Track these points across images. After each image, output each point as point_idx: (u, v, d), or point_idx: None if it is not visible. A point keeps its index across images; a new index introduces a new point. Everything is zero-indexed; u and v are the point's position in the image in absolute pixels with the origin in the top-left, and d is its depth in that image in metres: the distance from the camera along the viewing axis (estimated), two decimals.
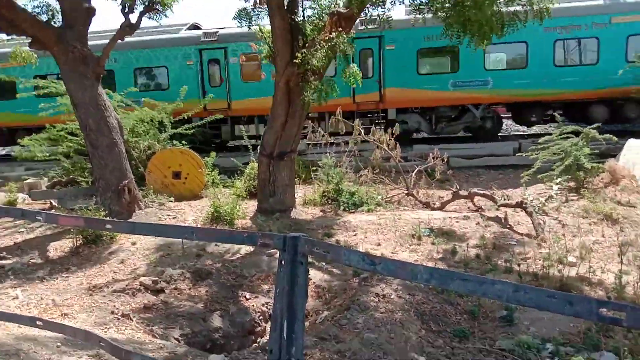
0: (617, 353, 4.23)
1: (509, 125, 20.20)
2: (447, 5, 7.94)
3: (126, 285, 6.02)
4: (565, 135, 10.37)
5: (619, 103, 14.13)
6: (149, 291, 6.01)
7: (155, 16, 10.47)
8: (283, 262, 2.49)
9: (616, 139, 10.63)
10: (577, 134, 10.32)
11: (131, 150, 11.23)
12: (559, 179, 10.04)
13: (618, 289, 5.23)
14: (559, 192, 9.82)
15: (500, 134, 17.15)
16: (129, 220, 8.88)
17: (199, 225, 8.65)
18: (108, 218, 7.98)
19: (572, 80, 13.88)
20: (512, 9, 8.13)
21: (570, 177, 9.99)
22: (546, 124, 16.35)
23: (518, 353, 4.45)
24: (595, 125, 10.37)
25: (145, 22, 10.37)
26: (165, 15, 10.48)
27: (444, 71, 14.76)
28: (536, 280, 5.87)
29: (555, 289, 5.56)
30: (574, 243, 7.04)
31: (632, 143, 11.06)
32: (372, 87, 14.80)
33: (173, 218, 9.29)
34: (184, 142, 12.14)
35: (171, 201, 10.41)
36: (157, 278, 6.24)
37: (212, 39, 15.88)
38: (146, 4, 10.02)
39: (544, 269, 6.01)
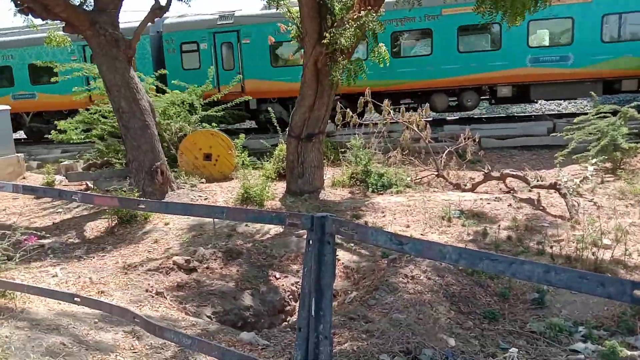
0: None
1: (543, 105, 19.65)
2: None
3: (160, 264, 6.18)
4: (602, 115, 10.04)
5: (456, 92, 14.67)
6: (182, 270, 6.15)
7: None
8: (311, 242, 2.51)
9: None
10: (615, 113, 9.98)
11: (163, 132, 11.42)
12: (594, 160, 9.75)
13: None
14: (594, 173, 9.55)
15: (534, 113, 16.74)
16: (162, 200, 9.09)
17: (229, 206, 8.80)
18: (142, 199, 8.18)
19: (411, 70, 14.18)
20: None
21: (606, 157, 9.70)
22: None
23: (549, 335, 4.40)
24: (634, 104, 10.00)
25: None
26: None
27: (296, 64, 14.65)
28: (569, 263, 5.76)
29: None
30: (609, 225, 6.86)
31: None
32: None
33: (205, 199, 9.45)
34: (214, 124, 12.27)
35: (202, 182, 10.57)
36: (189, 257, 6.37)
37: None
38: None
39: (577, 252, 5.88)
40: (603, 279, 1.80)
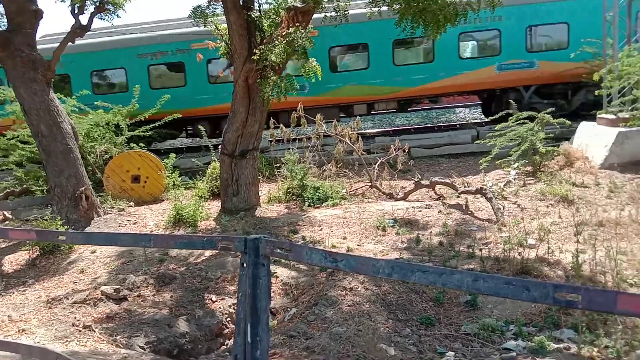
0: (576, 329, 4.38)
1: (467, 114, 20.64)
2: None
3: (87, 296, 5.85)
4: (521, 121, 10.65)
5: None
6: (111, 300, 5.86)
7: (106, 17, 10.14)
8: (245, 265, 2.45)
9: (569, 122, 11.01)
10: (532, 119, 10.62)
11: (87, 155, 10.90)
12: (516, 164, 10.32)
13: (575, 268, 5.41)
14: (516, 176, 10.10)
15: (458, 122, 17.51)
16: (88, 227, 8.63)
17: (160, 230, 8.48)
18: (65, 227, 7.72)
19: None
20: None
21: (527, 161, 10.29)
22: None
23: (483, 336, 4.55)
24: (549, 110, 10.70)
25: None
26: (118, 16, 10.16)
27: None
28: (498, 264, 6.01)
29: (516, 272, 5.73)
30: (532, 225, 7.25)
31: (584, 126, 11.46)
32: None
33: (133, 223, 9.07)
34: (141, 144, 11.85)
35: (131, 206, 10.17)
36: (119, 286, 6.09)
37: None
38: (97, 4, 9.68)
39: (505, 253, 6.16)
40: (527, 283, 1.88)
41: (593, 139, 10.67)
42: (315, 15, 9.14)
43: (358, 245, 7.20)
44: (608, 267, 5.37)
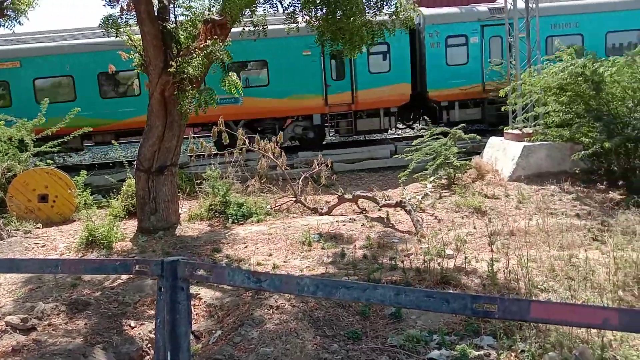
0: (495, 336, 4.58)
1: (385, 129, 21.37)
2: (319, 14, 8.13)
3: None
4: (436, 136, 11.15)
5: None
6: (18, 331, 5.36)
7: (7, 23, 9.45)
8: (162, 289, 2.31)
9: (479, 137, 11.69)
10: (445, 134, 11.16)
11: None
12: (432, 178, 10.77)
13: (491, 276, 5.68)
14: (433, 189, 10.53)
15: (377, 137, 18.06)
16: None
17: (72, 253, 7.93)
18: None
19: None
20: (380, 18, 8.55)
21: (442, 175, 10.77)
22: None
23: (408, 347, 4.63)
24: (460, 125, 11.30)
25: None
26: (19, 23, 9.51)
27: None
28: (419, 275, 6.18)
29: (437, 282, 5.92)
30: (449, 236, 7.56)
31: (493, 141, 12.22)
32: None
33: (42, 246, 8.41)
34: (49, 161, 11.08)
35: (39, 227, 9.45)
36: (26, 315, 5.58)
37: None
38: None
39: (425, 264, 6.35)
40: (447, 296, 1.92)
41: (501, 153, 11.39)
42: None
43: (284, 261, 7.13)
44: (520, 275, 5.69)
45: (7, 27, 9.40)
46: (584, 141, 9.71)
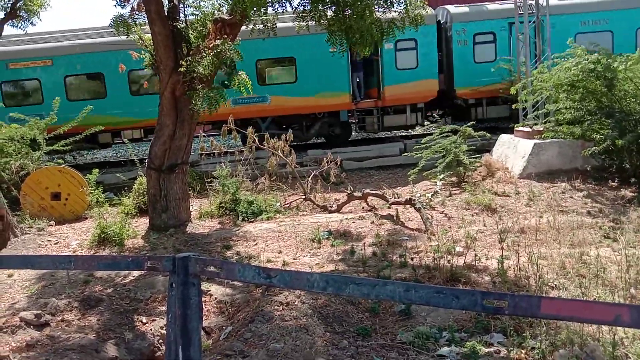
0: (505, 333, 4.58)
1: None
2: (329, 13, 8.13)
3: (4, 323, 5.40)
4: (445, 134, 11.12)
5: None
6: (32, 326, 5.43)
7: (19, 24, 9.57)
8: (174, 285, 2.35)
9: (489, 135, 11.63)
10: (455, 132, 11.11)
11: (1, 172, 10.15)
12: (442, 175, 10.73)
13: (501, 274, 5.67)
14: (442, 187, 10.50)
15: (386, 135, 18.03)
16: (4, 250, 8.01)
17: (84, 250, 8.02)
18: None
19: None
20: (389, 16, 8.54)
21: (451, 172, 10.73)
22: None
23: (418, 344, 4.63)
24: (470, 123, 11.25)
25: None
26: (32, 24, 9.62)
27: None
28: (429, 272, 6.18)
29: (447, 279, 5.91)
30: (459, 234, 7.54)
31: (503, 138, 12.15)
32: None
33: (55, 243, 8.52)
34: (61, 160, 11.21)
35: (51, 225, 9.57)
36: (40, 311, 5.66)
37: None
38: (7, 10, 9.10)
39: (435, 261, 6.34)
40: (457, 292, 1.93)
41: (512, 151, 11.33)
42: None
43: (294, 258, 7.16)
44: (531, 272, 5.67)
45: (20, 27, 9.51)
46: (596, 138, 9.62)
